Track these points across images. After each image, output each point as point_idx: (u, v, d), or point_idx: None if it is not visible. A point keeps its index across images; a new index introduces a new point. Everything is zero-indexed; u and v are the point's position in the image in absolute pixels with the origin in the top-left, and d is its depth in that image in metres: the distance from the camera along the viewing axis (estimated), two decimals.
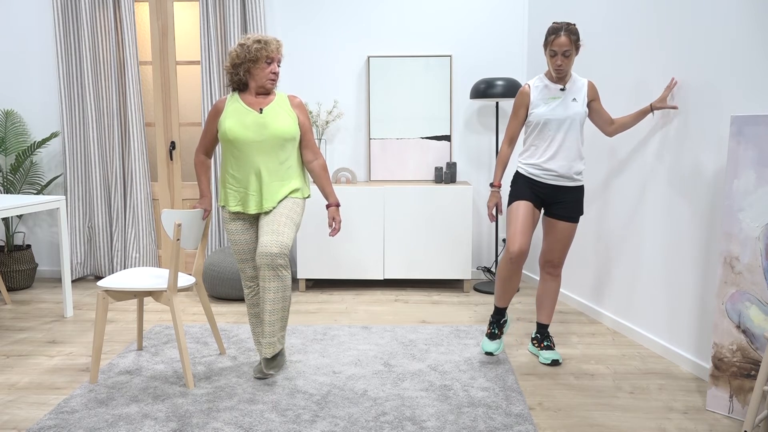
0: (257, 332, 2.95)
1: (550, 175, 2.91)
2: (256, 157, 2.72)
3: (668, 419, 2.48)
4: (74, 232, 4.75)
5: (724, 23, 2.70)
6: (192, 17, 4.78)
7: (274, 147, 2.73)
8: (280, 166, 2.76)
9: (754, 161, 2.36)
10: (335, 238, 4.36)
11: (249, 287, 2.92)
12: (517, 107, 2.97)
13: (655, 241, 3.19)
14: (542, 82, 2.93)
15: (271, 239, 2.66)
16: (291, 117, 2.78)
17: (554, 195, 2.94)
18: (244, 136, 2.70)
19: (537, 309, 3.16)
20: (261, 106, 2.76)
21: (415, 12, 4.66)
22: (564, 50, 2.78)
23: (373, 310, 3.98)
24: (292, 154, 2.80)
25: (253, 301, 2.92)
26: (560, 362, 3.03)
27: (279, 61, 2.78)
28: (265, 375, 2.83)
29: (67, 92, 4.66)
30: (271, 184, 2.75)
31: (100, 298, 2.75)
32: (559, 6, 4.12)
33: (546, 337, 3.13)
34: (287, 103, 2.81)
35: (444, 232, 4.33)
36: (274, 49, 2.73)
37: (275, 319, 2.72)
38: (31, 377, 2.93)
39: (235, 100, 2.78)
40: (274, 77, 2.76)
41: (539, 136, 2.91)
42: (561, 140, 2.88)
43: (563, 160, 2.88)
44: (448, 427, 2.39)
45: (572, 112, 2.87)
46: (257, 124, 2.71)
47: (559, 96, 2.89)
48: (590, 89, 2.96)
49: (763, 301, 2.36)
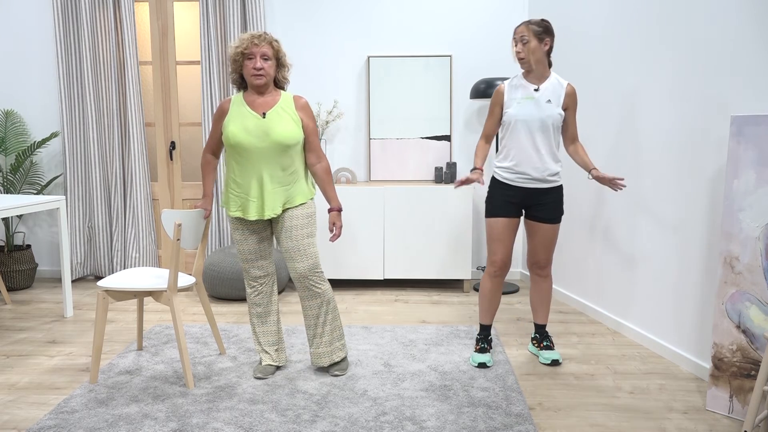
0: (259, 332, 2.94)
1: (524, 179, 2.88)
2: (258, 162, 2.68)
3: (668, 419, 2.48)
4: (74, 232, 4.75)
5: (724, 23, 2.70)
6: (192, 17, 4.78)
7: (277, 153, 2.67)
8: (282, 172, 2.71)
9: (754, 161, 2.36)
10: None
11: (252, 287, 2.90)
12: (492, 106, 2.95)
13: (656, 241, 3.19)
14: (519, 81, 2.90)
15: (303, 265, 2.75)
16: (295, 121, 2.71)
17: (531, 198, 2.91)
18: (246, 141, 2.65)
19: (532, 310, 3.16)
20: (264, 110, 2.70)
21: (415, 12, 4.66)
22: (521, 36, 2.79)
23: (373, 310, 3.98)
24: (296, 159, 2.75)
25: (255, 300, 2.91)
26: (560, 362, 3.03)
27: (264, 55, 2.64)
28: (263, 376, 2.86)
29: (67, 92, 4.66)
30: (274, 191, 2.70)
31: (100, 298, 2.75)
32: (559, 6, 4.12)
33: (545, 337, 3.13)
34: (292, 106, 2.74)
35: (444, 232, 4.33)
36: (249, 44, 2.63)
37: (326, 330, 2.85)
38: (31, 377, 2.93)
39: (240, 102, 2.73)
40: (257, 72, 2.63)
41: (511, 137, 2.88)
42: (533, 142, 2.84)
43: (537, 162, 2.84)
44: (448, 427, 2.39)
45: (545, 114, 2.81)
46: (260, 129, 2.65)
47: (532, 96, 2.84)
48: (569, 95, 2.87)
49: (763, 301, 2.36)
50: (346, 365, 2.92)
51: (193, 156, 4.88)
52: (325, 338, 2.86)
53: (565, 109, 2.89)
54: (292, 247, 2.75)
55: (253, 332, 2.96)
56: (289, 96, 2.77)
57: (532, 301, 3.14)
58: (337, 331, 2.88)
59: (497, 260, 2.93)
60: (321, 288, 2.80)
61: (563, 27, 4.07)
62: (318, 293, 2.80)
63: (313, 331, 2.86)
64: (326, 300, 2.82)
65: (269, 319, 2.92)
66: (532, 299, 3.13)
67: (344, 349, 2.92)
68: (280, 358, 2.95)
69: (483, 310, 3.06)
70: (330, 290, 2.84)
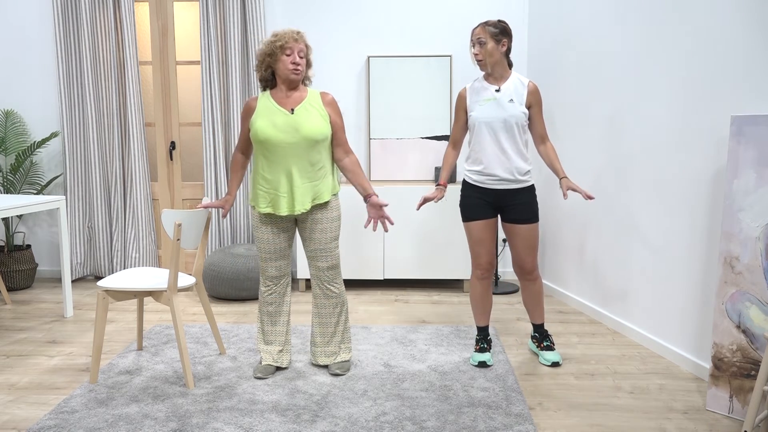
0: (267, 331, 2.93)
1: (494, 180, 2.87)
2: (287, 158, 2.70)
3: (668, 419, 2.48)
4: (74, 232, 4.75)
5: (724, 23, 2.70)
6: (192, 17, 4.78)
7: (305, 148, 2.69)
8: (311, 167, 2.73)
9: (754, 161, 2.36)
10: None
11: (267, 286, 2.88)
12: (456, 111, 2.97)
13: (656, 241, 3.19)
14: (480, 83, 2.91)
15: (325, 265, 2.83)
16: (323, 116, 2.74)
17: (504, 199, 2.90)
18: (275, 137, 2.67)
19: (527, 312, 3.15)
20: (292, 106, 2.72)
21: (415, 12, 4.66)
22: (478, 38, 2.80)
23: (373, 310, 3.98)
24: (324, 155, 2.77)
25: (268, 299, 2.89)
26: (560, 364, 3.03)
27: (301, 51, 2.69)
28: (263, 375, 2.86)
29: (67, 92, 4.66)
30: (303, 186, 2.73)
31: (100, 298, 2.75)
32: (559, 6, 4.12)
33: (545, 337, 3.12)
34: (319, 101, 2.76)
35: (444, 232, 4.33)
36: (289, 39, 2.66)
37: (338, 330, 2.92)
38: (31, 377, 2.93)
39: (266, 98, 2.75)
40: (295, 67, 2.67)
41: (477, 139, 2.88)
42: (498, 142, 2.84)
43: (505, 162, 2.84)
44: (448, 427, 2.39)
45: (508, 113, 2.82)
46: (289, 125, 2.68)
47: (494, 97, 2.85)
48: (531, 93, 2.87)
49: (763, 301, 2.36)
50: (348, 365, 2.94)
51: (193, 156, 4.88)
52: (337, 338, 2.92)
53: (529, 107, 2.89)
54: (317, 248, 2.82)
55: (259, 330, 2.95)
56: (315, 92, 2.79)
57: (525, 303, 3.13)
58: (347, 333, 2.96)
59: (482, 263, 2.94)
60: (338, 289, 2.89)
61: (563, 27, 4.07)
62: (335, 294, 2.88)
63: (324, 329, 2.91)
64: (341, 301, 2.91)
65: (280, 319, 2.93)
66: (525, 302, 3.12)
67: (351, 351, 2.98)
68: (282, 359, 2.95)
69: (477, 313, 3.07)
70: (345, 292, 2.92)
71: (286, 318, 2.94)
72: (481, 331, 3.08)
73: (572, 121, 3.98)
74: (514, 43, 4.65)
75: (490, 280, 3.01)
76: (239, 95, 4.58)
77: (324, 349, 2.94)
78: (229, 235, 4.69)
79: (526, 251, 2.96)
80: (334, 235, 2.83)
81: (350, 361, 2.99)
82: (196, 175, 4.89)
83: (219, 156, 4.62)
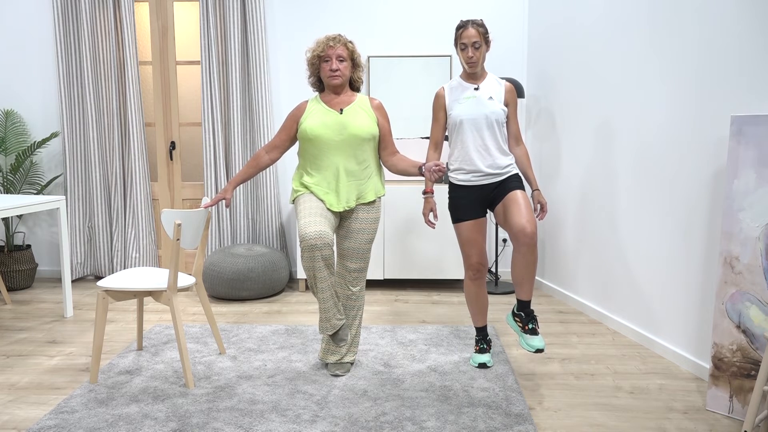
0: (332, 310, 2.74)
1: (479, 176, 2.86)
2: (335, 156, 2.76)
3: (668, 419, 2.48)
4: (74, 232, 4.75)
5: (724, 23, 2.70)
6: (192, 17, 4.78)
7: (353, 147, 2.76)
8: (358, 167, 2.80)
9: (754, 161, 2.36)
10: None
11: (323, 274, 2.67)
12: (435, 111, 2.96)
13: (655, 240, 3.19)
14: (458, 83, 2.91)
15: (355, 266, 2.88)
16: (371, 118, 2.82)
17: (492, 191, 2.87)
18: (325, 134, 2.74)
19: (516, 286, 2.79)
20: (341, 107, 2.81)
21: (415, 12, 4.66)
22: (473, 41, 2.79)
23: (373, 310, 3.98)
24: (370, 155, 2.84)
25: (316, 266, 2.63)
26: (544, 350, 2.90)
27: (339, 56, 2.75)
28: (339, 373, 2.90)
29: (67, 92, 4.66)
30: (348, 184, 2.79)
31: (100, 298, 2.75)
32: (559, 6, 4.12)
33: (531, 318, 2.76)
34: (368, 105, 2.86)
35: (444, 232, 4.33)
36: (325, 47, 2.75)
37: (350, 333, 2.94)
38: (31, 377, 2.93)
39: (316, 101, 2.85)
40: (334, 74, 2.75)
41: (458, 137, 2.88)
42: (482, 139, 2.84)
43: (487, 158, 2.84)
44: (448, 427, 2.39)
45: (489, 110, 2.82)
46: (337, 123, 2.76)
47: (474, 95, 2.85)
48: (508, 92, 2.88)
49: (763, 301, 2.36)
50: (349, 367, 2.95)
51: (193, 156, 4.88)
52: (347, 339, 2.94)
53: (507, 106, 2.90)
54: (351, 248, 2.87)
55: (323, 310, 2.71)
56: (364, 97, 2.89)
57: (516, 275, 2.77)
58: (358, 336, 3.00)
59: (474, 263, 2.92)
60: (360, 292, 2.95)
61: (563, 26, 4.07)
62: (357, 296, 2.93)
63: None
64: (359, 305, 2.97)
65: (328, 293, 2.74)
66: (516, 273, 2.76)
67: (356, 354, 3.01)
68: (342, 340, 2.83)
69: (474, 313, 3.05)
70: (364, 296, 2.98)
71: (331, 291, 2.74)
72: (480, 331, 3.08)
73: (572, 120, 3.98)
74: (513, 43, 4.66)
75: (484, 280, 2.99)
76: (239, 95, 4.58)
77: (332, 347, 2.96)
78: (229, 235, 4.69)
79: (527, 213, 2.73)
80: (371, 237, 2.88)
81: (353, 363, 3.01)
82: (196, 175, 4.89)
83: (219, 156, 4.62)
